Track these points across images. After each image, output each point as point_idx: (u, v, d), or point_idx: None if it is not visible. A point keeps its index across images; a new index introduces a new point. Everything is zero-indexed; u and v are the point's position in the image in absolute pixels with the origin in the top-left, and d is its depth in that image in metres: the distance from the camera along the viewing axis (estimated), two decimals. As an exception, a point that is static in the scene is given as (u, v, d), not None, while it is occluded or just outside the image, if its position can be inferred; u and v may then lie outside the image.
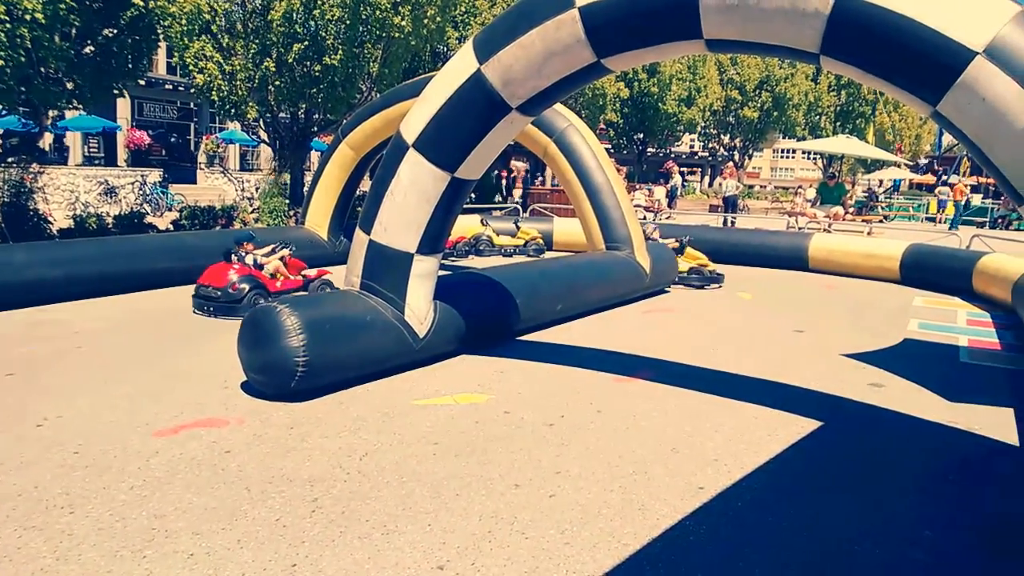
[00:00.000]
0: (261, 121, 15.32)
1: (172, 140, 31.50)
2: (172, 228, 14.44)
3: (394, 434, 4.80)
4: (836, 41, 4.33)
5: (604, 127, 36.43)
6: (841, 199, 19.46)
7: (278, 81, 14.08)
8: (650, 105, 35.69)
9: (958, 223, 25.06)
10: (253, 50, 13.97)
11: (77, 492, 3.84)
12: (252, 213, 15.67)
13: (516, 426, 5.03)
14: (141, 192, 22.47)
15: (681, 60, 36.46)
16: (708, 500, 4.00)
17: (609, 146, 36.81)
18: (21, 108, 11.39)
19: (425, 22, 14.80)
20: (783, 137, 49.27)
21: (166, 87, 29.83)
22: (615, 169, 10.81)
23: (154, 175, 24.35)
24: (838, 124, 46.35)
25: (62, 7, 10.06)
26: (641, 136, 38.12)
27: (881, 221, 23.08)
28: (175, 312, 8.24)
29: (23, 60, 9.96)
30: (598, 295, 9.03)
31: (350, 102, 14.94)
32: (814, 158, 51.31)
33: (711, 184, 53.43)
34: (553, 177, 31.95)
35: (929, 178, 40.99)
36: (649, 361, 6.85)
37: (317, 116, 15.53)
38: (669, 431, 5.02)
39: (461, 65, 5.63)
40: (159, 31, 13.02)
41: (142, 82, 21.44)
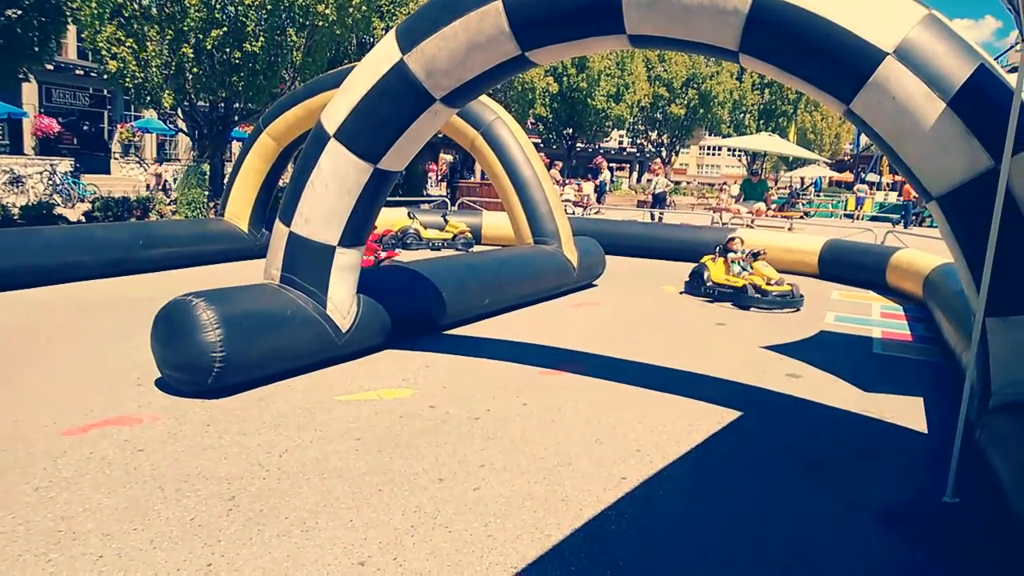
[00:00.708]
0: (179, 110, 14.81)
1: (84, 128, 30.16)
2: (84, 220, 13.81)
3: (315, 430, 4.70)
4: (754, 39, 4.44)
5: (533, 121, 36.65)
6: (763, 195, 20.05)
7: (196, 68, 13.64)
8: (579, 100, 36.07)
9: (910, 222, 26.02)
10: (169, 36, 13.47)
11: (-26, 495, 3.63)
12: (169, 205, 15.14)
13: (441, 420, 5.00)
14: (51, 182, 21.44)
15: (610, 56, 36.93)
16: (631, 490, 4.05)
17: (538, 141, 37.06)
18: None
19: (350, 11, 14.57)
20: (709, 134, 50.52)
21: (77, 72, 28.54)
22: (543, 163, 10.83)
23: (65, 164, 23.24)
24: (762, 122, 47.77)
25: (-40, -14, 9.52)
26: (570, 131, 38.48)
27: (802, 217, 23.91)
28: (85, 307, 7.89)
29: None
30: (526, 289, 9.06)
31: (272, 91, 14.59)
32: (739, 155, 52.78)
33: (639, 180, 54.35)
34: (483, 170, 31.92)
35: (848, 176, 42.69)
36: (575, 354, 6.91)
37: (237, 105, 15.10)
38: (593, 423, 5.08)
39: (384, 55, 5.55)
40: (67, 13, 12.40)
41: (50, 67, 20.46)
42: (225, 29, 13.47)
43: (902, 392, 6.18)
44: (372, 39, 19.73)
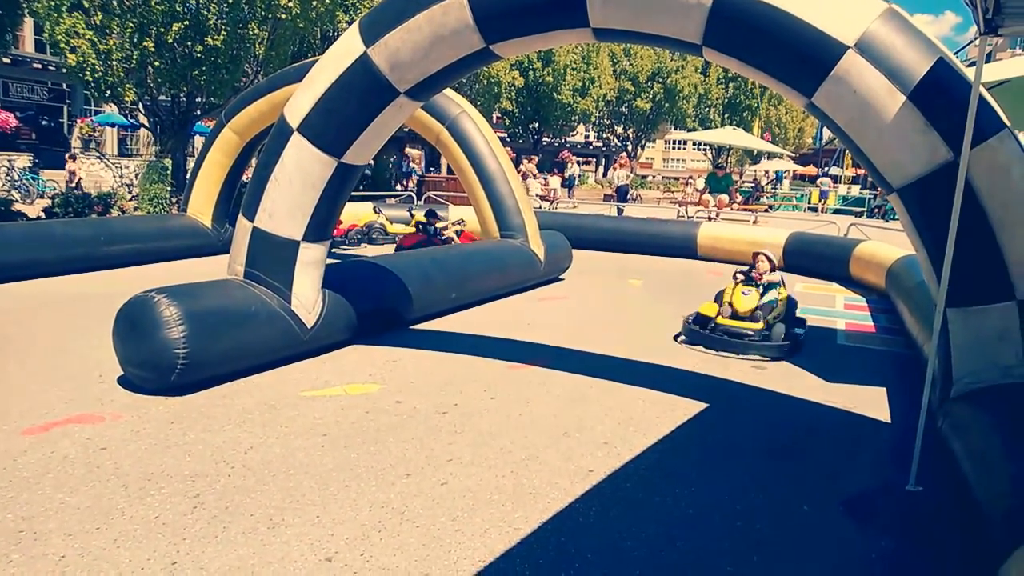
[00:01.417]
0: (140, 104, 14.55)
1: (43, 123, 29.42)
2: (44, 216, 13.51)
3: (281, 427, 4.66)
4: (717, 33, 4.48)
5: (499, 116, 36.60)
6: (728, 189, 20.27)
7: (157, 62, 13.41)
8: (545, 94, 36.09)
9: (872, 214, 26.42)
10: (130, 28, 13.21)
11: (-70, 498, 3.55)
12: (131, 200, 14.87)
13: (408, 415, 4.99)
14: (8, 178, 20.92)
15: (575, 50, 37.01)
16: (598, 482, 4.08)
17: (504, 135, 37.01)
18: None
19: (314, 4, 14.42)
20: (675, 128, 50.85)
21: (34, 66, 27.80)
22: (510, 157, 10.82)
23: (23, 160, 22.68)
24: (726, 116, 48.20)
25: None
26: (536, 125, 38.49)
27: (766, 210, 24.21)
28: (46, 305, 7.73)
29: None
30: (492, 283, 9.06)
31: (235, 85, 14.39)
32: (704, 149, 53.25)
33: (605, 174, 54.59)
34: (448, 165, 31.78)
35: (812, 169, 43.27)
36: (542, 348, 6.93)
37: (199, 99, 14.87)
38: (561, 416, 5.10)
39: (347, 48, 5.51)
40: (23, 4, 12.10)
41: (7, 60, 19.92)
42: (187, 22, 13.24)
43: (866, 382, 6.30)
44: (336, 32, 19.53)
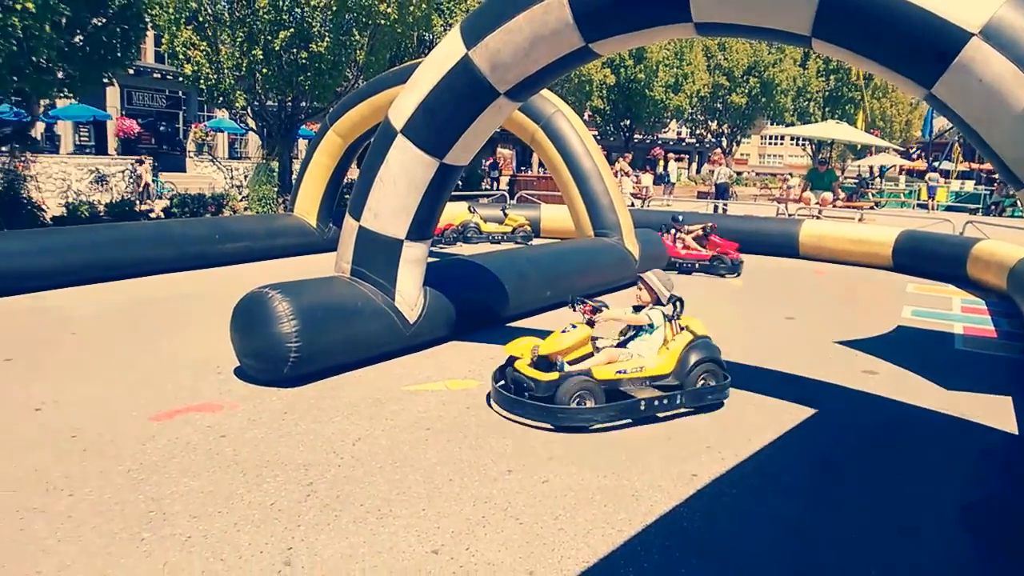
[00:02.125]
0: (249, 109, 15.24)
1: (161, 128, 31.27)
2: (162, 216, 14.34)
3: (386, 420, 4.80)
4: (828, 23, 4.32)
5: (590, 114, 36.38)
6: (831, 185, 19.49)
7: (265, 69, 14.00)
8: (637, 91, 35.64)
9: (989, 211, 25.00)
10: (240, 38, 13.87)
11: (76, 475, 3.84)
12: (242, 201, 15.59)
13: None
14: (131, 180, 22.31)
15: (668, 46, 36.41)
16: (702, 487, 4.01)
17: (596, 133, 36.76)
18: (13, 97, 11.30)
19: (411, 9, 14.73)
20: (771, 123, 49.33)
21: (154, 76, 29.59)
22: (603, 155, 10.77)
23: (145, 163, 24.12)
24: (827, 109, 46.39)
25: (52, -3, 9.99)
26: (628, 123, 38.07)
27: (872, 207, 23.18)
28: (167, 298, 8.22)
29: (15, 50, 9.90)
30: (587, 282, 9.03)
31: (336, 89, 14.87)
32: (803, 144, 51.39)
33: (699, 171, 53.51)
34: (540, 163, 31.90)
35: (920, 164, 41.15)
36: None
37: (304, 104, 15.46)
38: (662, 418, 5.04)
39: (449, 50, 5.61)
40: (147, 19, 12.90)
41: (131, 71, 21.25)
42: (292, 31, 13.80)
43: (988, 391, 5.93)
44: (432, 36, 19.91)
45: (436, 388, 5.49)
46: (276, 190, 15.09)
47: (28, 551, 3.13)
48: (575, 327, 5.02)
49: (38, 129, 22.03)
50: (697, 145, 54.48)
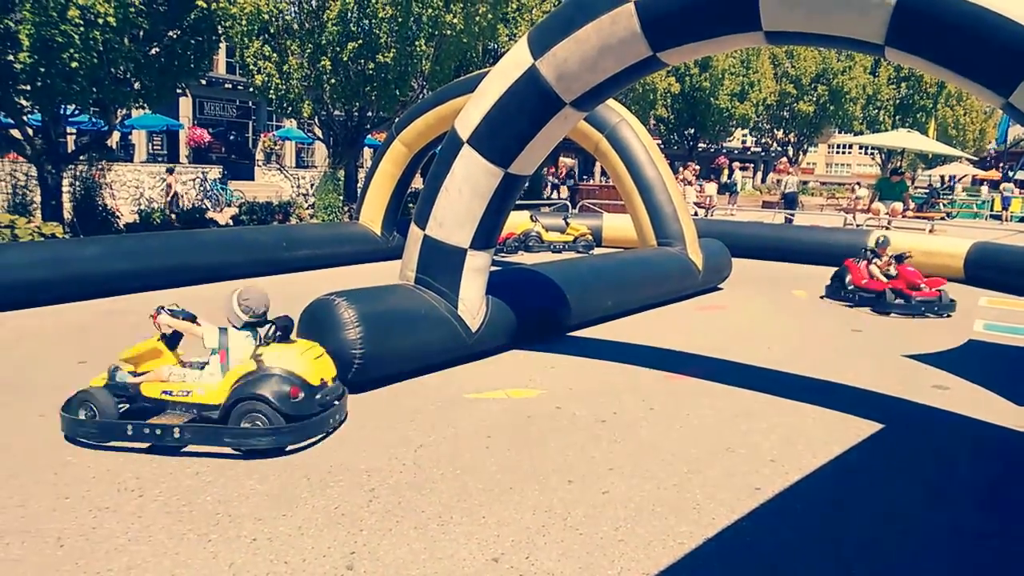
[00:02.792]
0: (316, 119, 15.61)
1: (231, 138, 32.26)
2: (231, 223, 14.79)
3: (448, 427, 4.85)
4: (902, 32, 4.22)
5: (654, 122, 36.07)
6: (902, 195, 18.90)
7: (333, 80, 14.32)
8: (701, 100, 35.18)
9: None
10: (309, 49, 14.24)
11: (146, 476, 3.98)
12: (308, 209, 15.97)
13: (568, 421, 5.04)
14: (202, 188, 23.09)
15: (734, 54, 35.87)
16: (765, 501, 3.94)
17: (660, 142, 36.43)
18: (92, 108, 11.81)
19: (476, 19, 14.89)
20: (839, 132, 48.06)
21: (226, 86, 30.55)
22: (667, 164, 10.65)
23: (214, 172, 24.99)
24: (897, 118, 45.03)
25: (132, 11, 10.42)
26: (692, 131, 37.63)
27: (943, 218, 22.40)
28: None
29: (95, 62, 10.34)
30: (649, 292, 8.97)
31: (402, 99, 15.11)
32: (872, 153, 49.96)
33: (764, 180, 52.50)
34: (603, 172, 31.77)
35: (994, 174, 39.58)
36: (701, 358, 6.77)
37: (370, 113, 15.75)
38: (723, 430, 4.97)
39: (516, 60, 5.65)
40: (220, 32, 13.36)
41: (203, 82, 22.01)
42: (360, 42, 14.08)
43: (1067, 408, 5.69)
44: (498, 46, 20.07)
45: (497, 396, 5.52)
46: (342, 199, 15.41)
47: (100, 549, 3.25)
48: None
49: (114, 138, 23.00)
50: (762, 154, 53.50)
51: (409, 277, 6.22)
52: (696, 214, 19.27)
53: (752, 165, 56.72)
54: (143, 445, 4.30)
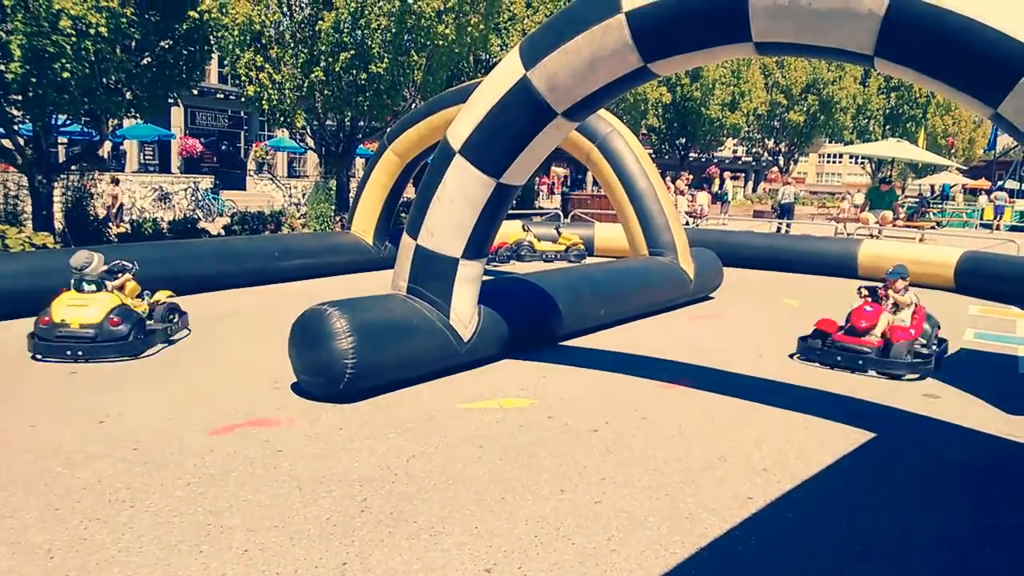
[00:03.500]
0: (308, 129, 15.61)
1: (223, 148, 32.25)
2: (223, 233, 14.76)
3: (440, 437, 4.84)
4: (891, 43, 4.26)
5: (646, 132, 36.21)
6: (892, 204, 19.01)
7: (326, 90, 14.34)
8: (692, 110, 35.37)
9: None
10: (302, 60, 14.25)
11: (137, 487, 3.96)
12: (300, 219, 15.95)
13: (560, 431, 5.04)
14: (194, 198, 23.03)
15: (725, 64, 36.07)
16: (758, 510, 3.95)
17: (651, 151, 36.56)
18: (83, 118, 11.79)
19: (469, 30, 14.93)
20: (830, 141, 48.36)
21: (217, 96, 30.55)
22: (659, 174, 10.69)
23: (206, 182, 24.94)
24: (887, 128, 45.36)
25: (123, 21, 10.41)
26: (683, 141, 37.80)
27: (933, 227, 22.54)
28: (227, 314, 8.43)
29: (87, 72, 10.32)
30: (641, 301, 8.99)
31: (395, 109, 15.13)
32: (862, 163, 50.31)
33: (755, 190, 52.74)
34: (595, 182, 31.85)
35: (984, 183, 39.88)
36: (694, 368, 6.79)
37: (363, 123, 15.76)
38: (715, 439, 4.97)
39: (507, 71, 5.67)
40: (212, 42, 13.36)
41: (195, 91, 21.97)
42: (353, 52, 14.11)
43: (1055, 417, 5.72)
44: (489, 57, 20.13)
45: (490, 406, 5.51)
46: (334, 208, 15.39)
47: (91, 561, 3.23)
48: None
49: (105, 148, 22.94)
50: (753, 163, 53.76)
51: (401, 287, 6.22)
52: (688, 223, 19.33)
53: (743, 175, 56.95)
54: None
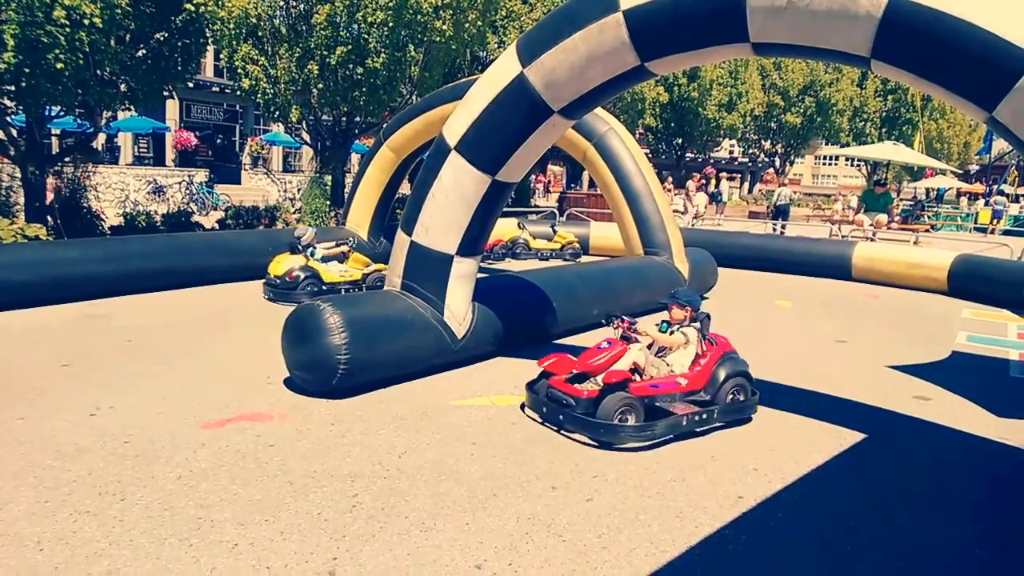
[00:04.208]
0: (304, 123, 15.56)
1: (218, 141, 32.12)
2: (217, 227, 14.71)
3: (432, 433, 4.84)
4: (887, 45, 4.26)
5: (643, 132, 36.24)
6: (887, 207, 19.06)
7: (321, 84, 14.29)
8: (690, 110, 35.40)
9: None
10: (297, 53, 14.20)
11: (128, 480, 3.95)
12: (294, 213, 15.91)
13: (553, 429, 5.03)
14: (188, 191, 22.96)
15: (722, 65, 36.12)
16: (747, 509, 3.96)
17: (648, 151, 36.57)
18: (77, 109, 11.72)
19: (466, 26, 14.89)
20: (826, 143, 48.46)
21: (213, 89, 30.41)
22: (655, 173, 10.68)
23: (200, 175, 24.85)
24: (884, 130, 45.48)
25: (118, 12, 10.35)
26: (680, 141, 37.82)
27: (928, 230, 22.60)
28: (220, 308, 8.41)
29: (81, 63, 10.26)
30: (636, 300, 8.97)
31: (391, 105, 15.09)
32: (858, 165, 50.43)
33: (751, 191, 52.81)
34: (591, 181, 31.86)
35: (978, 187, 40.04)
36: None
37: (358, 119, 15.72)
38: (707, 438, 4.98)
39: (504, 68, 5.66)
40: (208, 35, 13.30)
41: (190, 84, 21.91)
42: (349, 47, 14.06)
43: (1045, 419, 5.75)
44: (486, 53, 20.09)
45: (482, 403, 5.51)
46: (328, 203, 15.35)
47: (80, 554, 3.22)
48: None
49: (99, 140, 22.84)
50: (750, 164, 53.83)
51: (395, 283, 6.21)
52: (691, 225, 19.38)
53: (739, 175, 57.02)
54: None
